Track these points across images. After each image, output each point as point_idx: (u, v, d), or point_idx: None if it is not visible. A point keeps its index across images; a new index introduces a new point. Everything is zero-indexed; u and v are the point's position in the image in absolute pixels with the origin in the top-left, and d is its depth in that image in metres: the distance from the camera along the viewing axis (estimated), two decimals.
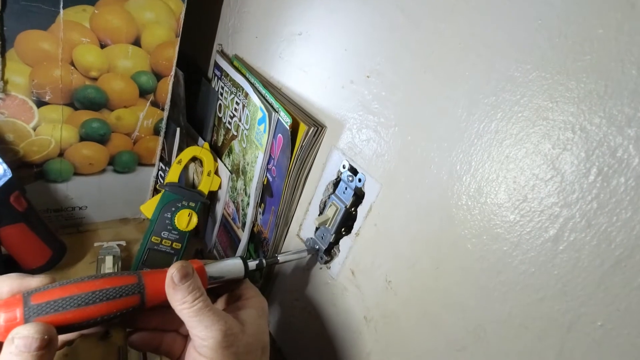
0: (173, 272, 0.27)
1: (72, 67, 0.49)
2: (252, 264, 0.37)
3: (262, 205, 0.55)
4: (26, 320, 0.24)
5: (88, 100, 0.53)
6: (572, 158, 0.25)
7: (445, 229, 0.34)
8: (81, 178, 0.60)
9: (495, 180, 0.30)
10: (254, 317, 0.30)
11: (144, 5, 0.49)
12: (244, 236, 0.59)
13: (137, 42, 0.52)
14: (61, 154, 0.56)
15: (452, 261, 0.33)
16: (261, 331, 0.30)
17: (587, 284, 0.25)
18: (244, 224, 0.59)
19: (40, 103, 0.50)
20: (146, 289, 0.28)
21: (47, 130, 0.52)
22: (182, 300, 0.27)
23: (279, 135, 0.47)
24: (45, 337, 0.23)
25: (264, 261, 0.39)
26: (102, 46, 0.50)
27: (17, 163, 0.53)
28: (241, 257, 0.35)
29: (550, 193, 0.27)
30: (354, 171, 0.42)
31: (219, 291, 0.34)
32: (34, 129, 0.51)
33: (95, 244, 0.61)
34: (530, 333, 0.28)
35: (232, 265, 0.33)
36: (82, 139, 0.56)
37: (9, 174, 0.47)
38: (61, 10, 0.45)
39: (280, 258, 0.43)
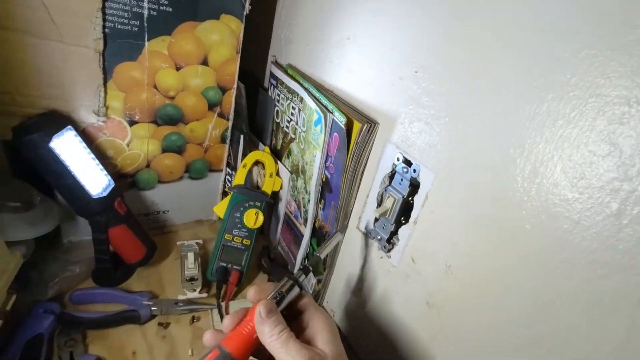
0: (260, 309, 0.31)
1: (155, 90, 0.57)
2: (299, 274, 0.38)
3: (322, 201, 0.59)
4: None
5: (168, 117, 0.61)
6: (630, 131, 0.25)
7: (502, 211, 0.34)
8: (164, 185, 0.69)
9: (551, 160, 0.30)
10: (332, 342, 0.33)
11: (210, 29, 0.56)
12: (307, 232, 0.63)
13: (205, 62, 0.59)
14: (148, 165, 0.65)
15: (510, 242, 0.34)
16: (340, 353, 0.32)
17: None
18: (305, 220, 0.63)
19: (132, 122, 0.59)
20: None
21: (138, 145, 0.61)
22: (270, 333, 0.31)
23: (335, 134, 0.51)
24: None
25: (307, 266, 0.40)
26: (178, 69, 0.57)
27: (116, 175, 0.62)
28: (290, 277, 0.36)
29: (608, 168, 0.27)
30: (408, 163, 0.44)
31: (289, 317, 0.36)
32: (128, 145, 0.61)
33: (178, 243, 0.69)
34: (599, 308, 0.28)
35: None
36: (164, 150, 0.65)
37: (113, 184, 0.56)
38: (146, 43, 0.53)
39: (320, 253, 0.44)
